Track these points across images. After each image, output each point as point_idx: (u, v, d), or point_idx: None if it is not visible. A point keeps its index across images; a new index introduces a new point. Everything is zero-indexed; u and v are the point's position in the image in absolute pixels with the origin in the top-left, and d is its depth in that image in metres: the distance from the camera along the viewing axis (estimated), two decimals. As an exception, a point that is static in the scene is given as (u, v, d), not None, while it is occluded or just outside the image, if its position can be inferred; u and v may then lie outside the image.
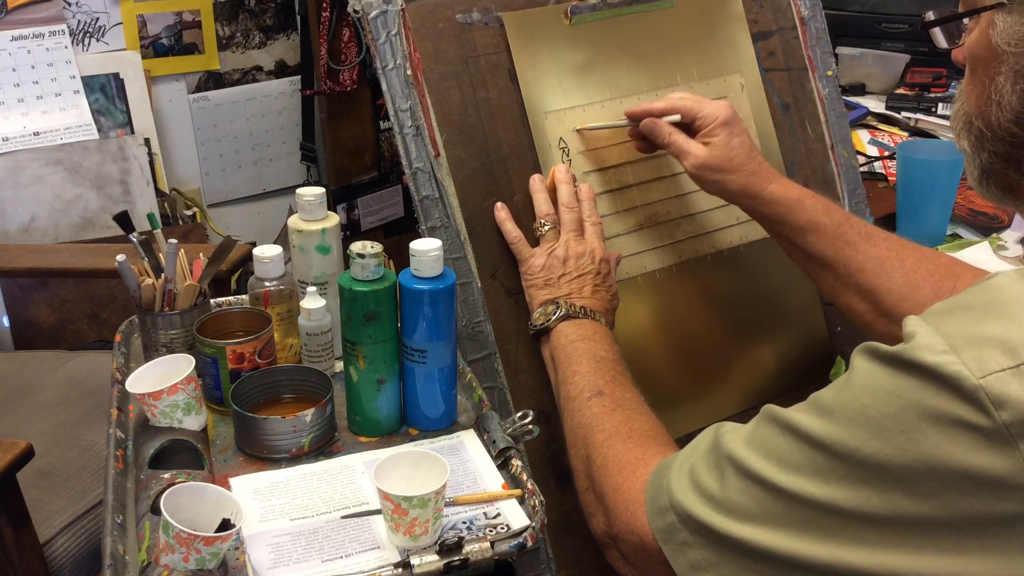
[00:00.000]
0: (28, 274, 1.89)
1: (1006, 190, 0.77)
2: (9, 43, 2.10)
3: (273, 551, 0.84)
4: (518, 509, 0.89)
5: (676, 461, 0.78)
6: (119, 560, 0.81)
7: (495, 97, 1.16)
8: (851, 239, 1.06)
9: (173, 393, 0.96)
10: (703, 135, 1.12)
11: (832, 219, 1.07)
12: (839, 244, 1.06)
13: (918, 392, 0.60)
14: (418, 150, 1.12)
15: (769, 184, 1.09)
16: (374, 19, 1.10)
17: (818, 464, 0.64)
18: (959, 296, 0.64)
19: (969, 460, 0.58)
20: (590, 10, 1.22)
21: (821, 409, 0.66)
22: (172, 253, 1.09)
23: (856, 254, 1.05)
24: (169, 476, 0.89)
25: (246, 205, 2.62)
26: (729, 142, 1.10)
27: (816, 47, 1.39)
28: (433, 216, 1.12)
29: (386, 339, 0.98)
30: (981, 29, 0.73)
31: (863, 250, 1.05)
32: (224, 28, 2.43)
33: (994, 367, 0.58)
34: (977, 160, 0.77)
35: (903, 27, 2.03)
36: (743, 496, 0.69)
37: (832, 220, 1.07)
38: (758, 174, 1.10)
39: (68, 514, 1.34)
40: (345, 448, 1.00)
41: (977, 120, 0.74)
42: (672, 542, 0.74)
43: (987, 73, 0.72)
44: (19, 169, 2.09)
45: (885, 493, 0.61)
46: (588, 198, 1.15)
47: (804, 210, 1.08)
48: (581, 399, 0.98)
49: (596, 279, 1.11)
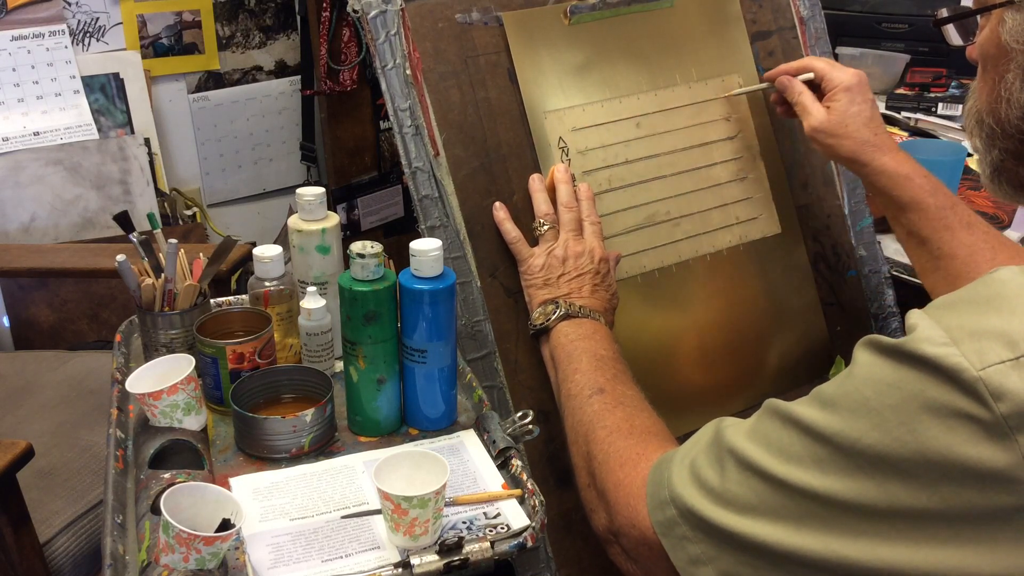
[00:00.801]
0: (28, 274, 1.89)
1: (1017, 187, 0.77)
2: (9, 43, 2.11)
3: (273, 551, 0.84)
4: (518, 509, 0.89)
5: (677, 455, 0.78)
6: (119, 560, 0.81)
7: (494, 97, 1.16)
8: (951, 224, 1.07)
9: (173, 393, 0.96)
10: (827, 98, 1.16)
11: (937, 201, 1.08)
12: (938, 227, 1.08)
13: (919, 384, 0.60)
14: (417, 150, 1.12)
15: (883, 156, 1.11)
16: (373, 19, 1.11)
17: (818, 455, 0.64)
18: (962, 290, 0.64)
19: (968, 452, 0.58)
20: (589, 10, 1.22)
21: (823, 401, 0.66)
22: (172, 253, 1.09)
23: (952, 239, 1.07)
24: (169, 476, 0.89)
25: (246, 205, 2.62)
26: (848, 108, 1.13)
27: (815, 47, 1.39)
28: (432, 215, 1.12)
29: (386, 339, 0.98)
30: (991, 27, 0.74)
31: (960, 237, 1.06)
32: (224, 28, 2.43)
33: (994, 359, 0.58)
34: (988, 158, 0.77)
35: (903, 27, 2.03)
36: (742, 488, 0.69)
37: (936, 202, 1.08)
38: (872, 143, 1.12)
39: (68, 514, 1.34)
40: (345, 448, 1.00)
41: (988, 117, 0.75)
42: (672, 536, 0.74)
43: (997, 71, 0.73)
44: (19, 169, 2.09)
45: (884, 484, 0.61)
46: (587, 197, 1.16)
47: (911, 187, 1.10)
48: (582, 397, 0.98)
49: (595, 278, 1.11)
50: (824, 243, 1.38)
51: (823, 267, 1.38)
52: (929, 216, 1.08)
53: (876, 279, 1.42)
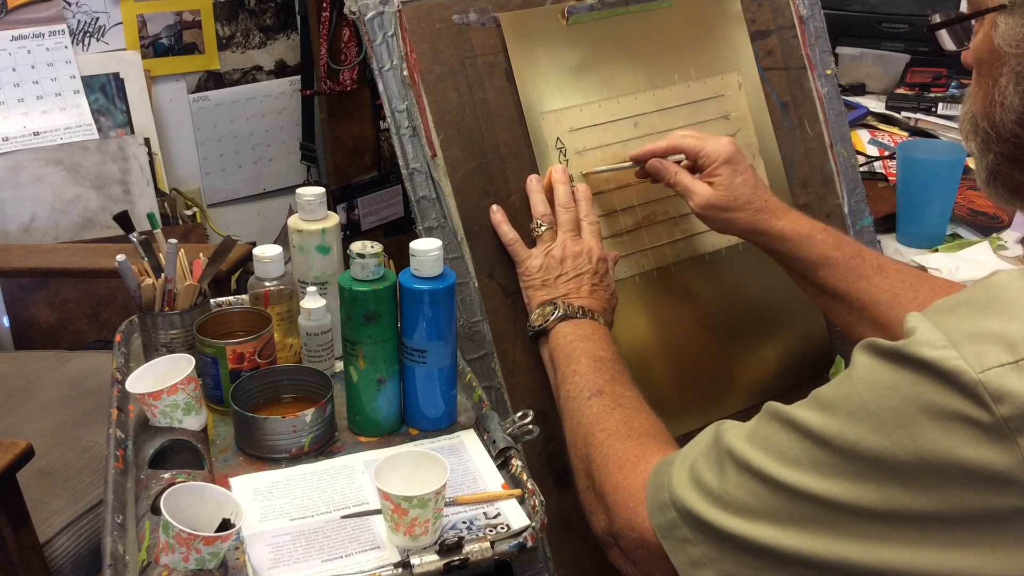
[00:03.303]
0: (28, 274, 1.89)
1: (1012, 191, 0.77)
2: (9, 43, 2.11)
3: (273, 551, 0.84)
4: (518, 509, 0.89)
5: (677, 458, 0.78)
6: (119, 560, 0.81)
7: (492, 97, 1.16)
8: (864, 272, 1.05)
9: (173, 393, 0.96)
10: (707, 174, 1.12)
11: (844, 253, 1.07)
12: (851, 278, 1.06)
13: (918, 387, 0.60)
14: (415, 150, 1.12)
15: (778, 220, 1.09)
16: (370, 20, 1.11)
17: (817, 458, 0.65)
18: (960, 293, 0.64)
19: (968, 454, 0.58)
20: (587, 10, 1.22)
21: (822, 404, 0.66)
22: (172, 253, 1.09)
23: (870, 287, 1.05)
24: (169, 476, 0.89)
25: (246, 205, 2.62)
26: (733, 180, 1.10)
27: (815, 46, 1.39)
28: (430, 216, 1.12)
29: (386, 339, 0.98)
30: (985, 31, 0.74)
31: (876, 283, 1.04)
32: (224, 28, 2.43)
33: (993, 362, 0.58)
34: (984, 161, 0.77)
35: (903, 27, 2.03)
36: (741, 491, 0.69)
37: (844, 254, 1.07)
38: (765, 211, 1.10)
39: (68, 514, 1.34)
40: (345, 448, 1.00)
41: (983, 122, 0.75)
42: (672, 538, 0.75)
43: (991, 75, 0.73)
44: (19, 169, 2.09)
45: (883, 487, 0.61)
46: (585, 197, 1.16)
47: (815, 245, 1.08)
48: (581, 399, 0.98)
49: (594, 279, 1.11)
50: (823, 243, 1.38)
51: (822, 267, 1.38)
52: (840, 269, 1.06)
53: (875, 279, 1.42)
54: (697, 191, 1.12)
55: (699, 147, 1.12)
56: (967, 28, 0.79)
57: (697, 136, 1.14)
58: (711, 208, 1.11)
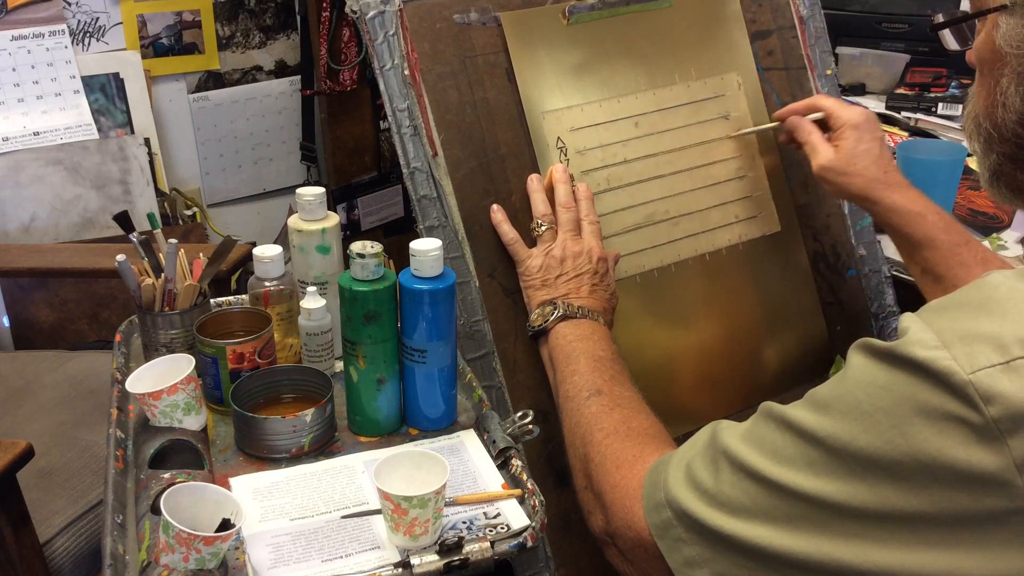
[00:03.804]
0: (28, 274, 1.89)
1: (1015, 191, 0.77)
2: (9, 43, 2.11)
3: (273, 551, 0.84)
4: (518, 509, 0.89)
5: (674, 458, 0.78)
6: (119, 560, 0.81)
7: (493, 97, 1.16)
8: (965, 260, 1.07)
9: (173, 393, 0.96)
10: (835, 137, 1.16)
11: (951, 238, 1.08)
12: (952, 263, 1.07)
13: (910, 387, 0.60)
14: (416, 150, 1.12)
15: (893, 193, 1.11)
16: (371, 19, 1.11)
17: (811, 457, 0.65)
18: (954, 294, 0.64)
19: (959, 455, 0.58)
20: (588, 10, 1.22)
21: (817, 404, 0.66)
22: (172, 253, 1.09)
23: (968, 276, 1.05)
24: (169, 476, 0.89)
25: (246, 205, 2.62)
26: (857, 146, 1.14)
27: (815, 46, 1.39)
28: (431, 216, 1.12)
29: (386, 339, 0.98)
30: (987, 31, 0.74)
31: (976, 273, 1.04)
32: (224, 28, 2.43)
33: (984, 363, 0.58)
34: (987, 162, 0.77)
35: (903, 27, 2.03)
36: (735, 490, 0.69)
37: (950, 239, 1.08)
38: (882, 181, 1.12)
39: (68, 514, 1.34)
40: (345, 448, 1.00)
41: (985, 122, 0.75)
42: (668, 538, 0.75)
43: (992, 75, 0.73)
44: (19, 169, 2.09)
45: (875, 487, 0.61)
46: (586, 197, 1.16)
47: (923, 224, 1.09)
48: (580, 398, 0.98)
49: (594, 278, 1.11)
50: (824, 242, 1.38)
51: (823, 266, 1.38)
52: (943, 253, 1.08)
53: (876, 279, 1.42)
54: (821, 151, 1.16)
55: (834, 109, 1.18)
56: (971, 26, 0.79)
57: (836, 100, 1.19)
58: (828, 170, 1.15)
